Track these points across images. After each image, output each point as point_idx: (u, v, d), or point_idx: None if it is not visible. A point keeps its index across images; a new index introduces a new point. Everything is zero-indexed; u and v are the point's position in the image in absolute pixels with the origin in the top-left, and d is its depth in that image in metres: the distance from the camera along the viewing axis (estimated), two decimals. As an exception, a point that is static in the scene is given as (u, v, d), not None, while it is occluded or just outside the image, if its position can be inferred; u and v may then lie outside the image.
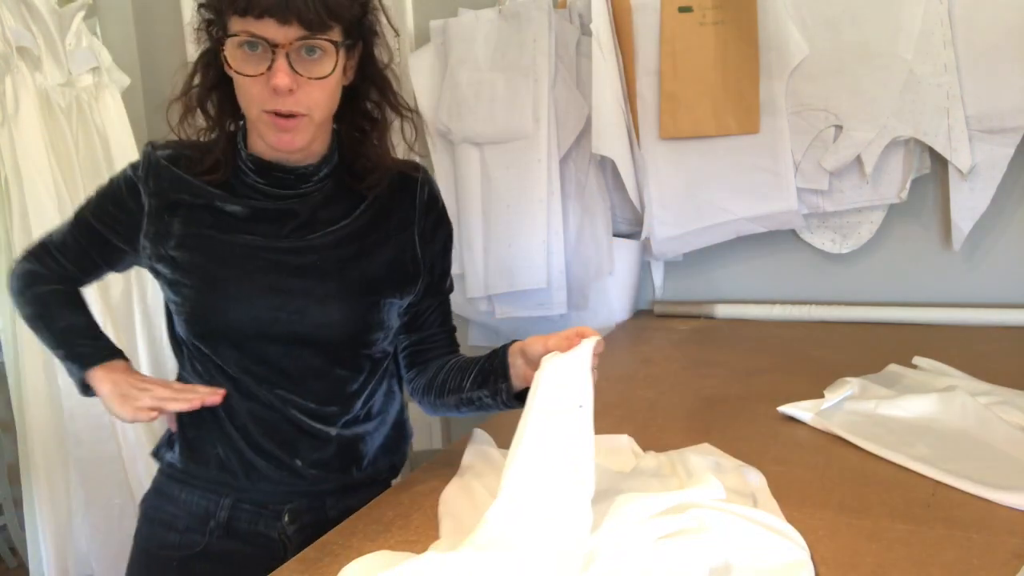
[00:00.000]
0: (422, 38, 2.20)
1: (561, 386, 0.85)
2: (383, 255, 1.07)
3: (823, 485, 0.96)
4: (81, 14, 2.16)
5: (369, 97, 1.07)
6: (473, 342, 2.26)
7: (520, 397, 1.00)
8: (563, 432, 0.82)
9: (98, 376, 1.06)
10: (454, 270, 2.36)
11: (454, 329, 1.19)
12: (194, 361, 1.07)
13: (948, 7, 1.61)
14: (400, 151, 1.13)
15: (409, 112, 1.10)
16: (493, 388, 1.03)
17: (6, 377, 2.03)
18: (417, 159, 1.16)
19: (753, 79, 1.78)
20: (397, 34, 1.10)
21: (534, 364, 0.91)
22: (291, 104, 0.94)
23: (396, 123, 1.10)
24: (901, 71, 1.66)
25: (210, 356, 1.05)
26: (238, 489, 1.06)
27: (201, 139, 1.06)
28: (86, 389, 1.08)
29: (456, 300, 2.40)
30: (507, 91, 2.00)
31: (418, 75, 2.14)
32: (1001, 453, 1.02)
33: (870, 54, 1.68)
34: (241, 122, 1.04)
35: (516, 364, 1.00)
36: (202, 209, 1.03)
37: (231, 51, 0.93)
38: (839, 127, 1.74)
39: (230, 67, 0.95)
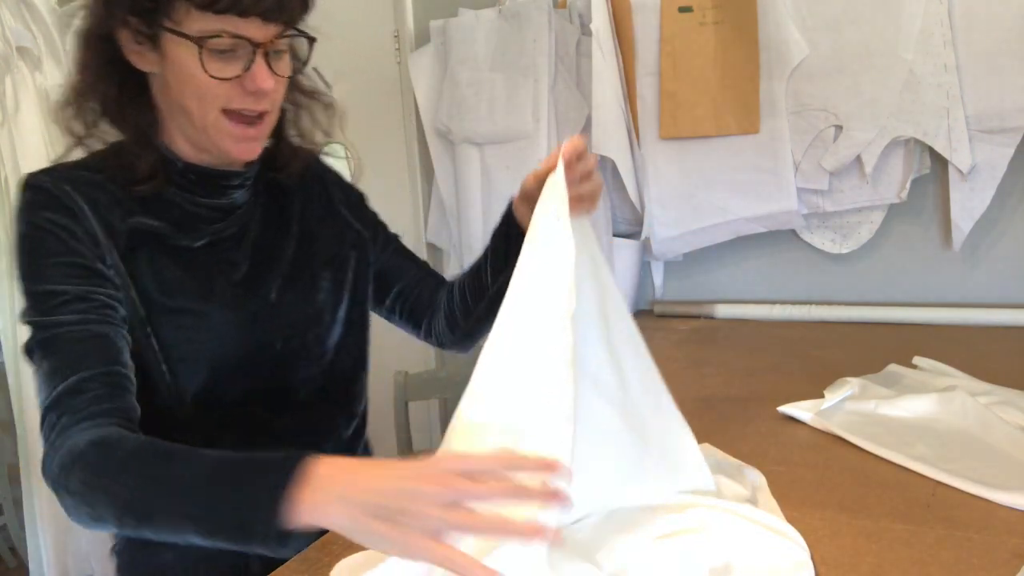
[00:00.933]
0: (422, 38, 2.20)
1: (543, 214, 0.81)
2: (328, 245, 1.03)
3: (823, 485, 0.96)
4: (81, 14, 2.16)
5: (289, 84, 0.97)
6: (473, 342, 2.26)
7: None
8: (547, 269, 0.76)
9: (317, 499, 0.62)
10: (454, 270, 2.36)
11: (426, 263, 1.18)
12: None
13: (948, 7, 1.61)
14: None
15: (319, 94, 1.02)
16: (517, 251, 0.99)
17: (6, 377, 2.03)
18: (333, 146, 1.10)
19: (753, 79, 1.78)
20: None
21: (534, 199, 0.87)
22: (265, 104, 0.87)
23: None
24: (901, 71, 1.66)
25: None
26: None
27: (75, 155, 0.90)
28: (283, 539, 0.64)
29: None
30: (507, 91, 2.00)
31: (418, 75, 2.14)
32: (1001, 453, 1.02)
33: (870, 54, 1.68)
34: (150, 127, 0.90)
35: (525, 216, 0.93)
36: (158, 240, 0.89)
37: (192, 50, 0.81)
38: (839, 127, 1.74)
39: (176, 63, 0.83)
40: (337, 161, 2.35)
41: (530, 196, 0.88)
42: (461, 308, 1.09)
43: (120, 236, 0.87)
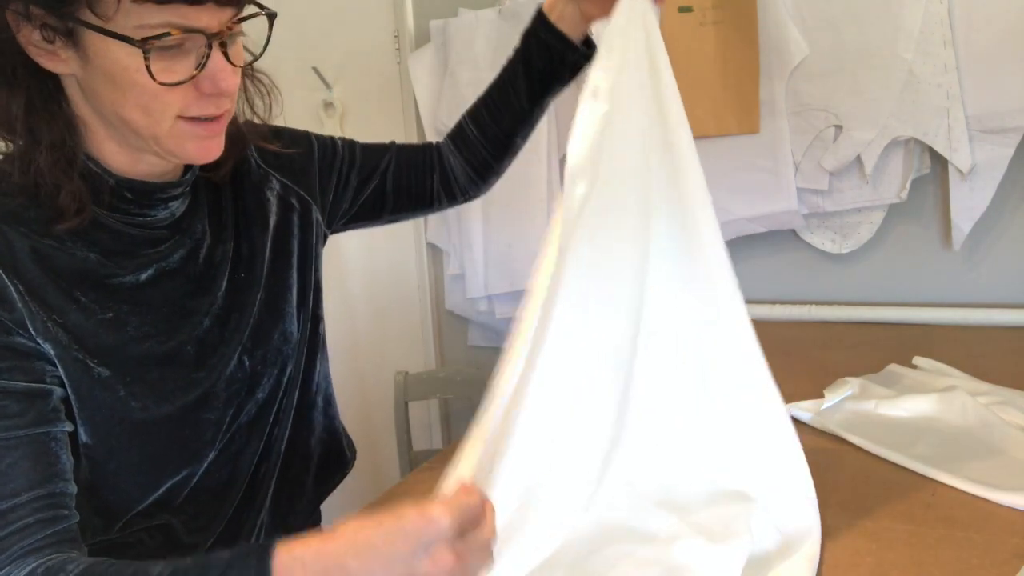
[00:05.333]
0: (422, 38, 2.20)
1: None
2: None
3: (823, 485, 0.96)
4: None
5: None
6: (473, 342, 2.26)
7: (588, 42, 0.94)
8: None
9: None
10: (454, 270, 2.35)
11: (392, 142, 1.06)
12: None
13: (948, 7, 1.61)
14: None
15: (256, 73, 0.84)
16: (562, 66, 0.94)
17: None
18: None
19: (753, 79, 1.78)
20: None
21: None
22: (227, 103, 0.73)
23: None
24: (901, 71, 1.66)
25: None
26: None
27: None
28: None
29: (456, 300, 2.41)
30: (507, 91, 2.00)
31: (418, 75, 2.14)
32: (1001, 453, 1.02)
33: (870, 54, 1.68)
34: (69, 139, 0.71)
35: (566, 16, 0.90)
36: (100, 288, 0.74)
37: (131, 52, 0.65)
38: (839, 127, 1.73)
39: (105, 66, 0.66)
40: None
41: None
42: (490, 147, 1.02)
43: (41, 286, 0.70)
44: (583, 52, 0.95)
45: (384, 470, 2.31)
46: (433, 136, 2.17)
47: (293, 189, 0.93)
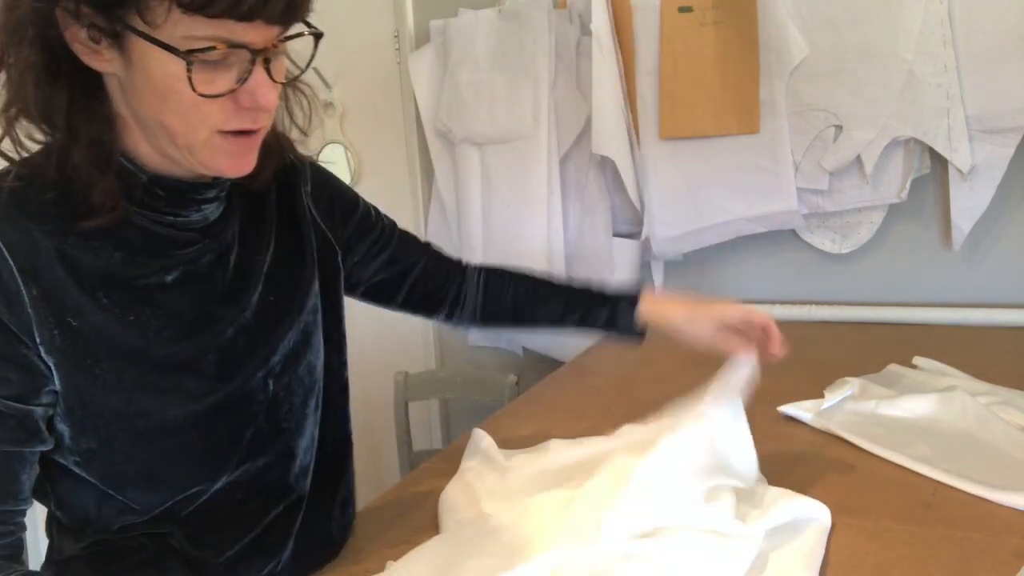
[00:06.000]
0: (422, 38, 2.20)
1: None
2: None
3: (823, 485, 0.96)
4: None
5: None
6: (473, 342, 2.26)
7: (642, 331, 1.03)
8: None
9: None
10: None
11: (428, 244, 1.09)
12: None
13: (948, 7, 1.61)
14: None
15: (301, 85, 0.84)
16: (611, 329, 1.03)
17: None
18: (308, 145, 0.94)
19: (753, 79, 1.78)
20: None
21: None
22: (264, 120, 0.73)
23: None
24: (901, 71, 1.66)
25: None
26: None
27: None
28: None
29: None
30: (507, 91, 2.00)
31: (418, 75, 2.14)
32: (1001, 453, 1.02)
33: (870, 54, 1.68)
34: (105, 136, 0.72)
35: (655, 316, 1.00)
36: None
37: (175, 63, 0.65)
38: (839, 127, 1.73)
39: (148, 72, 0.66)
40: (337, 161, 2.36)
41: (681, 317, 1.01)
42: (508, 311, 1.07)
43: (62, 287, 0.70)
44: (638, 337, 1.03)
45: (384, 470, 2.31)
46: (433, 135, 2.17)
47: (329, 237, 0.93)
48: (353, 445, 0.98)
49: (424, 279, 1.05)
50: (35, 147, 0.72)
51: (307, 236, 0.90)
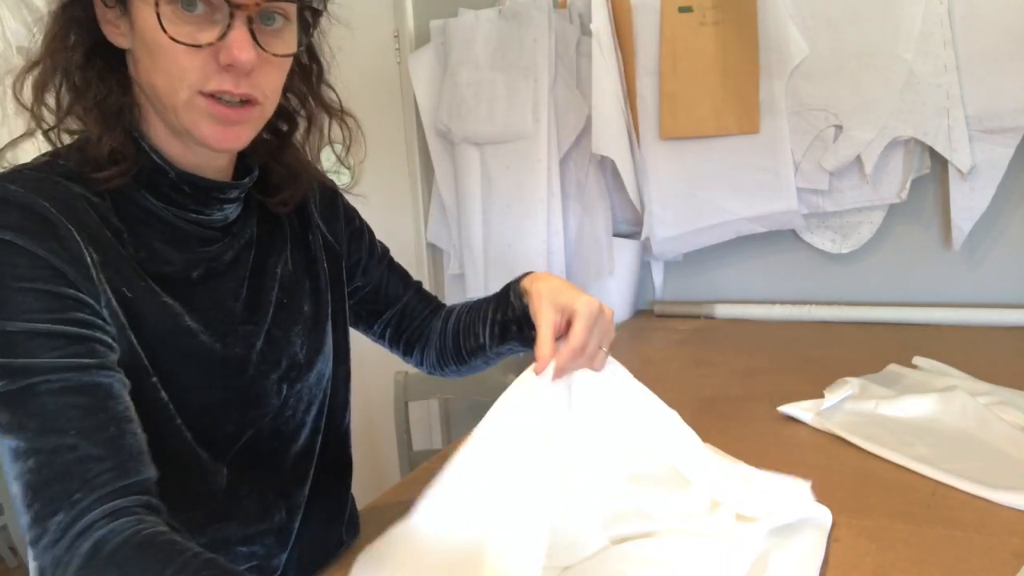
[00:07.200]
0: (422, 38, 2.20)
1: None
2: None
3: (823, 485, 0.96)
4: None
5: (293, 89, 0.85)
6: (473, 342, 2.26)
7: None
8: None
9: None
10: (454, 270, 2.35)
11: (420, 284, 1.10)
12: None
13: (948, 7, 1.61)
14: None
15: (341, 112, 0.90)
16: (520, 337, 0.93)
17: None
18: (346, 176, 0.98)
19: (753, 79, 1.78)
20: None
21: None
22: (247, 86, 0.71)
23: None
24: (901, 71, 1.66)
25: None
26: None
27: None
28: None
29: (456, 300, 2.40)
30: (507, 91, 2.00)
31: (418, 75, 2.14)
32: (1001, 453, 1.02)
33: (870, 54, 1.68)
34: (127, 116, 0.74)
35: (526, 283, 0.89)
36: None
37: (155, 7, 0.67)
38: (839, 127, 1.74)
39: (140, 30, 0.69)
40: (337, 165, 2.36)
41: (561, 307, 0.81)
42: (453, 352, 1.01)
43: (116, 259, 0.71)
44: (529, 336, 0.92)
45: (384, 470, 2.31)
46: (433, 135, 2.17)
47: (335, 247, 0.96)
48: (352, 463, 0.98)
49: (400, 317, 1.05)
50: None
51: (315, 244, 0.92)
